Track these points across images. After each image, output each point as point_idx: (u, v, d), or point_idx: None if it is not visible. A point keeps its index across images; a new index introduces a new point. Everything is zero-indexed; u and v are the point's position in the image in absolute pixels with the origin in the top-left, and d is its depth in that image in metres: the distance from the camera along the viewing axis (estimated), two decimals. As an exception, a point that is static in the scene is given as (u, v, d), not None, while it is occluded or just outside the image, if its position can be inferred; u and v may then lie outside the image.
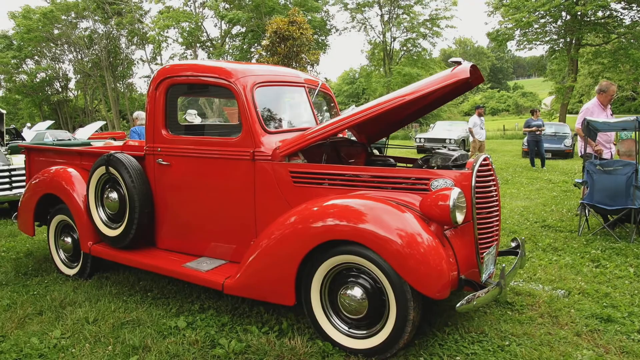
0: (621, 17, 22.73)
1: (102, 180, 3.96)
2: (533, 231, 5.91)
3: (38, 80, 42.05)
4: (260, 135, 3.35)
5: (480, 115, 12.81)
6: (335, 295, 2.98)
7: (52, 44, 40.23)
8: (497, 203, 3.25)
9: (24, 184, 7.48)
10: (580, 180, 6.29)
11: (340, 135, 4.03)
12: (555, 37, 24.74)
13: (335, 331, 2.98)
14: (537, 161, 13.10)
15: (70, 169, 4.38)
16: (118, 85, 44.26)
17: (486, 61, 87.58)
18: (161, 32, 36.99)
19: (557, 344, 3.02)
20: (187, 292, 3.94)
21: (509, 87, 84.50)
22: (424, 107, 4.10)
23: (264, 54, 16.70)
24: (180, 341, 3.08)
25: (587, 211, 5.80)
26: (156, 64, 44.68)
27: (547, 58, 25.62)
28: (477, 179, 2.97)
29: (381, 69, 38.95)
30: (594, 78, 24.40)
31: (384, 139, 4.54)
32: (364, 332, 2.91)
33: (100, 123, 21.08)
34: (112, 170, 3.80)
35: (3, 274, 4.56)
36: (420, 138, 18.80)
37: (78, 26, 40.28)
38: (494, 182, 3.23)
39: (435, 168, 3.27)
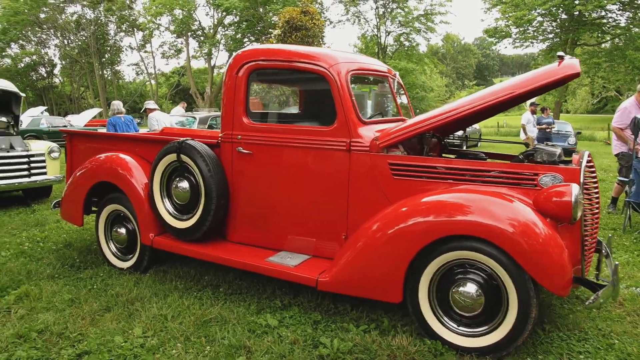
0: (616, 18, 23.05)
1: (170, 169, 3.74)
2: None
3: (23, 65, 40.72)
4: (357, 126, 3.18)
5: (533, 112, 12.83)
6: (444, 292, 2.86)
7: (37, 28, 38.93)
8: (598, 199, 3.17)
9: (44, 170, 7.18)
10: (624, 179, 6.26)
11: None
12: (551, 35, 24.95)
13: (444, 329, 2.87)
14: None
15: (126, 156, 4.13)
16: (105, 72, 43.18)
17: (472, 58, 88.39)
18: (153, 20, 36.12)
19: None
20: (260, 287, 3.75)
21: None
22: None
23: (274, 42, 16.37)
24: (279, 340, 2.91)
25: (630, 209, 5.77)
26: (145, 51, 43.79)
27: (542, 56, 25.82)
28: (584, 175, 2.90)
29: (374, 63, 38.71)
30: (590, 77, 24.82)
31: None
32: (476, 329, 2.81)
33: (96, 110, 20.51)
34: (184, 158, 3.57)
35: (48, 265, 4.30)
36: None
37: (65, 10, 39.04)
38: (597, 178, 3.16)
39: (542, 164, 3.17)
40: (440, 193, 2.94)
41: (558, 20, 23.23)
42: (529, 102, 13.73)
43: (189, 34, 38.60)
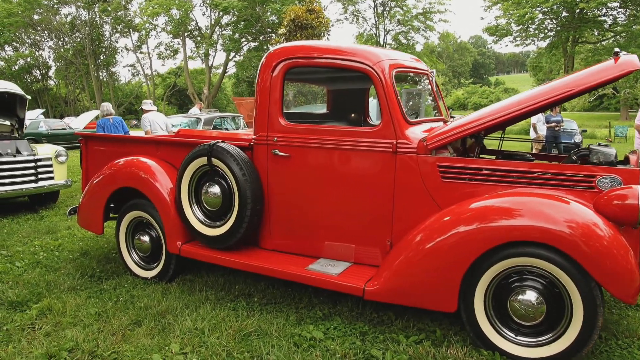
0: (617, 15, 23.02)
1: (199, 173, 3.55)
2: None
3: (17, 67, 40.27)
4: (403, 126, 3.01)
5: (543, 110, 12.72)
6: (501, 301, 2.71)
7: (31, 30, 38.51)
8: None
9: (51, 175, 6.97)
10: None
11: None
12: (551, 33, 24.89)
13: (502, 339, 2.72)
14: (555, 157, 13.07)
15: (148, 160, 3.94)
16: (101, 74, 42.79)
17: (469, 56, 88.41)
18: (150, 20, 35.80)
19: None
20: (295, 296, 3.57)
21: (490, 83, 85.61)
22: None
23: (280, 41, 16.14)
24: (328, 355, 2.73)
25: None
26: (141, 52, 43.46)
27: (543, 54, 25.79)
28: None
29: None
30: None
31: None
32: (536, 339, 2.66)
33: (95, 112, 20.20)
34: (215, 161, 3.39)
35: (68, 276, 4.09)
36: None
37: (59, 12, 38.65)
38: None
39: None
40: (494, 197, 2.78)
41: (560, 18, 23.16)
42: None
43: (186, 34, 38.32)
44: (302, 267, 3.16)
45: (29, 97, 7.39)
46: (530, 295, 2.62)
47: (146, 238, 4.00)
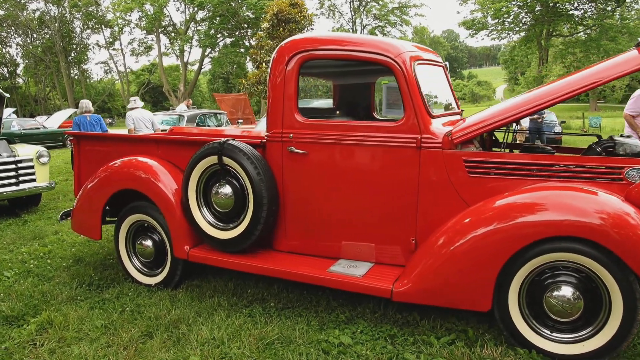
0: (587, 9, 23.51)
1: (208, 173, 3.36)
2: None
3: (-19, 65, 38.80)
4: (427, 120, 2.89)
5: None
6: (535, 297, 2.64)
7: (-4, 26, 37.06)
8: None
9: (33, 177, 6.62)
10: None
11: None
12: (526, 27, 25.26)
13: (537, 336, 2.65)
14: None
15: (149, 160, 3.72)
16: (72, 71, 41.50)
17: (442, 50, 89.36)
18: (123, 16, 34.83)
19: None
20: (312, 299, 3.42)
21: (463, 76, 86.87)
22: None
23: (263, 36, 15.81)
24: (360, 362, 2.60)
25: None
26: (113, 49, 42.36)
27: (519, 47, 26.17)
28: None
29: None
30: (567, 68, 25.30)
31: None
32: (572, 335, 2.59)
33: (70, 110, 19.52)
34: (226, 160, 3.20)
35: (65, 286, 3.84)
36: None
37: (27, 7, 37.22)
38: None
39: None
40: (524, 192, 2.70)
41: (534, 12, 23.51)
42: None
43: (160, 30, 37.48)
44: (324, 270, 3.02)
45: (7, 95, 7.00)
46: (567, 291, 2.55)
47: (149, 243, 3.78)
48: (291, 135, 3.15)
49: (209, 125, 12.99)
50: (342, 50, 3.07)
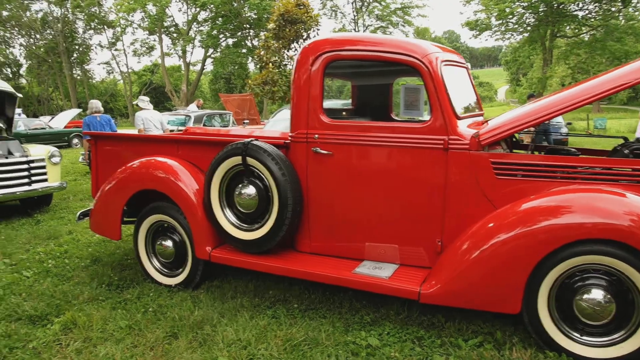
0: (592, 9, 23.49)
1: (231, 174, 3.36)
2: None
3: (-15, 65, 38.83)
4: (454, 121, 2.89)
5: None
6: (564, 300, 2.62)
7: (0, 27, 37.03)
8: None
9: (45, 177, 6.62)
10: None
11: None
12: (530, 28, 25.25)
13: (567, 339, 2.64)
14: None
15: (169, 160, 3.72)
16: (75, 71, 41.50)
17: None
18: (125, 16, 34.85)
19: None
20: (334, 300, 3.42)
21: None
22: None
23: (269, 37, 15.77)
24: (390, 364, 2.60)
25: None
26: (116, 49, 42.37)
27: (523, 48, 26.15)
28: None
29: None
30: (572, 69, 25.28)
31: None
32: (604, 339, 2.58)
33: (76, 110, 19.52)
34: (250, 160, 3.20)
35: (85, 286, 3.84)
36: None
37: (30, 8, 37.28)
38: None
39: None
40: (554, 194, 2.69)
41: (539, 12, 23.50)
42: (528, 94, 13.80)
43: (162, 30, 37.50)
44: (349, 271, 3.02)
45: (20, 95, 7.01)
46: (598, 294, 2.54)
47: (169, 243, 3.78)
48: (316, 136, 3.14)
49: (213, 126, 12.99)
50: (368, 51, 3.07)
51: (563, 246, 2.53)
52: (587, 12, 23.80)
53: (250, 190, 3.27)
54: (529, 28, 25.41)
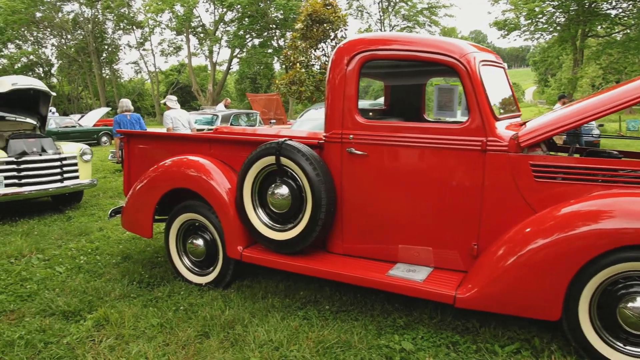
0: (627, 8, 22.76)
1: (264, 173, 3.35)
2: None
3: (19, 65, 39.91)
4: (493, 123, 2.81)
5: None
6: (606, 308, 2.52)
7: (34, 27, 38.13)
8: None
9: (76, 174, 6.76)
10: None
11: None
12: (559, 27, 24.65)
13: (609, 348, 2.53)
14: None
15: (201, 159, 3.73)
16: (104, 71, 42.46)
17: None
18: (153, 17, 35.46)
19: None
20: (366, 303, 3.37)
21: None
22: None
23: (297, 37, 15.81)
24: (425, 370, 2.54)
25: None
26: (144, 49, 43.16)
27: (553, 48, 25.53)
28: None
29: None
30: (603, 70, 24.59)
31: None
32: None
33: (105, 109, 19.95)
34: (284, 160, 3.18)
35: (116, 282, 3.89)
36: None
37: (62, 9, 38.26)
38: None
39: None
40: (598, 198, 2.59)
41: (569, 11, 22.90)
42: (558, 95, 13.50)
43: (190, 30, 38.01)
44: (383, 273, 2.97)
45: (53, 93, 7.17)
46: None
47: (200, 242, 3.79)
48: (351, 136, 3.11)
49: (240, 125, 13.08)
50: (404, 51, 3.01)
51: (605, 252, 2.43)
52: (620, 10, 23.07)
53: (284, 190, 3.25)
54: (559, 27, 24.78)
